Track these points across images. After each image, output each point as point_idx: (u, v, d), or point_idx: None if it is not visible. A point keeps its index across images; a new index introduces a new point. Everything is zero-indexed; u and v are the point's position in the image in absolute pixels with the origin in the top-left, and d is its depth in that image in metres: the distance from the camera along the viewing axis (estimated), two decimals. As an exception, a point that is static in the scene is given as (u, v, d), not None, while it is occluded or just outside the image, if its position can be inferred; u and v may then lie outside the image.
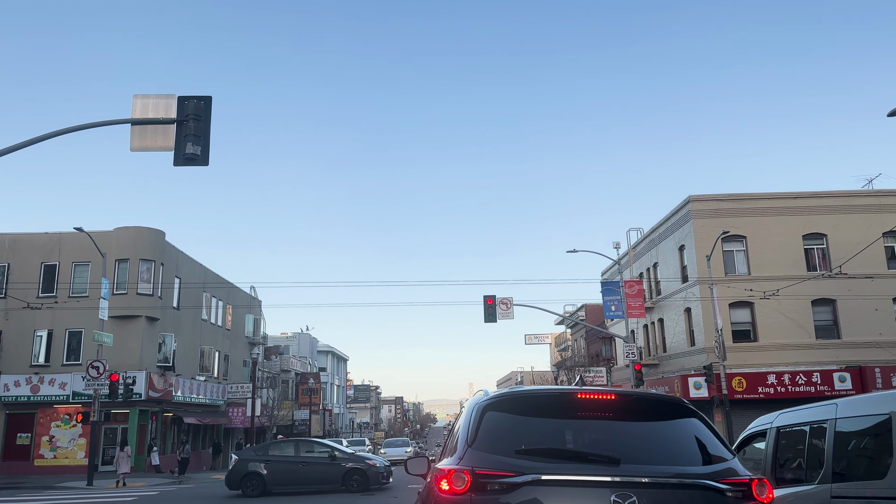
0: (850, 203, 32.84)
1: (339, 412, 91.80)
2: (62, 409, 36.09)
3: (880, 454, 5.52)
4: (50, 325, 36.76)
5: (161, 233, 38.74)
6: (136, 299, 36.39)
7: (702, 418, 4.58)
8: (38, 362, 36.64)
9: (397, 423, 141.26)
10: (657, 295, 38.66)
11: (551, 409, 4.60)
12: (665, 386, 33.67)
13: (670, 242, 36.04)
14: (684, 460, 4.21)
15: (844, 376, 30.16)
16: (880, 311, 31.45)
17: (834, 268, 31.13)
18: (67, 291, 37.00)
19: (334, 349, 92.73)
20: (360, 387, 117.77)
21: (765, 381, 30.40)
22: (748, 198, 33.31)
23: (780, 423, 7.25)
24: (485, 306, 33.69)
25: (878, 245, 31.41)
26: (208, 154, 14.28)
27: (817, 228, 32.56)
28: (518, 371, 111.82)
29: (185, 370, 41.21)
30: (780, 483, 6.87)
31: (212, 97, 14.34)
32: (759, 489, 4.09)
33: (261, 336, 56.84)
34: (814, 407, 6.78)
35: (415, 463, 6.05)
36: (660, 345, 38.70)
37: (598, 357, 51.57)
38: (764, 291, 30.67)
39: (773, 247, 32.30)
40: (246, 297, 54.10)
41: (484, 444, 4.32)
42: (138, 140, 14.24)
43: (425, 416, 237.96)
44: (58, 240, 37.93)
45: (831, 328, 31.87)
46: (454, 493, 4.05)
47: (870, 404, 5.86)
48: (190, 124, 14.07)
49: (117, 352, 34.04)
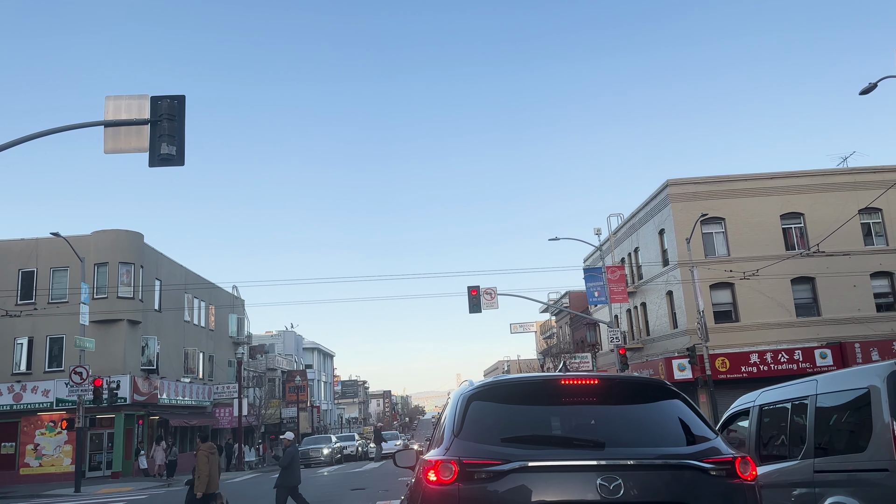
0: (825, 181, 33.22)
1: (328, 408, 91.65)
2: (46, 417, 35.71)
3: (860, 428, 5.61)
4: (30, 332, 36.32)
5: (140, 235, 38.36)
6: (117, 303, 36.03)
7: (684, 399, 4.63)
8: (19, 370, 36.21)
9: (386, 416, 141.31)
10: (639, 279, 38.93)
11: (536, 396, 4.63)
12: (650, 369, 33.97)
13: (650, 227, 36.28)
14: (668, 441, 4.26)
15: (825, 353, 30.59)
16: (858, 288, 31.90)
17: (812, 246, 31.51)
18: (47, 297, 36.55)
19: (320, 346, 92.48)
20: (348, 382, 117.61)
21: (747, 360, 30.75)
22: (725, 180, 33.60)
23: (762, 401, 7.35)
24: (469, 297, 33.74)
25: (854, 222, 31.82)
26: (184, 154, 14.14)
27: (794, 208, 32.92)
28: (505, 360, 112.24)
29: (170, 372, 40.93)
30: (764, 460, 6.97)
31: (185, 96, 14.19)
32: (742, 467, 4.14)
33: (245, 335, 56.48)
34: (795, 384, 6.88)
35: (403, 455, 6.06)
36: (643, 328, 39.01)
37: (584, 343, 51.90)
38: (744, 272, 30.98)
39: (751, 227, 32.62)
40: (228, 296, 53.76)
41: (470, 433, 4.34)
42: (112, 142, 14.06)
43: (414, 408, 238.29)
44: (35, 246, 37.43)
45: (811, 306, 32.28)
46: (442, 484, 4.06)
47: (849, 379, 5.95)
48: (164, 124, 13.91)
49: (100, 357, 33.71)
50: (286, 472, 13.76)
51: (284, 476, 13.76)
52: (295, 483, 13.80)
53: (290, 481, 13.75)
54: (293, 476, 13.78)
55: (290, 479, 13.76)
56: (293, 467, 13.79)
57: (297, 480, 13.82)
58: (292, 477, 13.77)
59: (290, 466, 13.76)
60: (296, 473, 13.83)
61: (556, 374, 4.72)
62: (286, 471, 13.76)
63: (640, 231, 37.99)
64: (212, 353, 49.08)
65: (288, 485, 13.73)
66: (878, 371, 5.55)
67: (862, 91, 20.92)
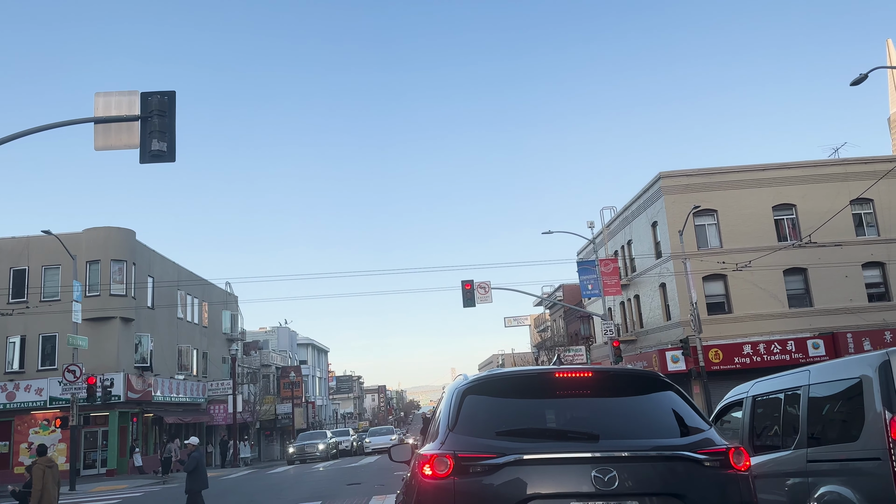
0: (817, 173, 33.34)
1: (322, 404, 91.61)
2: (40, 415, 35.59)
3: (853, 417, 5.64)
4: (22, 330, 36.16)
5: (131, 232, 38.20)
6: (110, 301, 35.89)
7: (678, 391, 4.65)
8: (12, 369, 36.06)
9: (381, 411, 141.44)
10: (632, 272, 39.02)
11: (530, 389, 4.64)
12: (643, 361, 34.08)
13: (643, 219, 36.35)
14: (662, 433, 4.27)
15: (818, 343, 30.75)
16: (850, 278, 32.06)
17: (804, 237, 31.62)
18: (39, 296, 36.37)
19: (314, 341, 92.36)
20: (343, 378, 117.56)
21: (740, 351, 30.89)
22: (717, 172, 33.68)
23: (755, 391, 7.38)
24: (463, 291, 33.77)
25: (845, 213, 31.95)
26: (174, 150, 14.08)
27: (786, 199, 33.04)
28: (499, 354, 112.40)
29: (164, 370, 40.83)
30: (758, 450, 7.00)
31: (175, 92, 14.11)
32: (736, 457, 4.16)
33: (239, 332, 56.45)
34: (787, 374, 6.91)
35: (399, 450, 6.07)
36: (637, 321, 39.12)
37: (578, 336, 51.98)
38: (736, 263, 31.09)
39: (743, 219, 32.72)
40: (222, 293, 53.64)
41: (465, 427, 4.35)
42: (103, 139, 13.99)
43: (409, 403, 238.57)
44: (26, 244, 37.23)
45: (803, 297, 32.43)
46: (437, 478, 4.07)
47: (841, 369, 5.98)
48: (154, 120, 13.84)
49: (93, 354, 33.59)
50: (192, 476, 14.01)
51: (191, 481, 14.02)
52: (200, 487, 14.07)
53: (197, 485, 14.03)
54: (199, 480, 14.04)
55: (196, 483, 14.03)
56: (199, 471, 14.06)
57: (203, 485, 14.06)
58: (199, 481, 14.03)
59: (195, 471, 14.03)
60: (202, 478, 14.07)
61: (550, 368, 4.74)
62: (192, 475, 14.01)
63: (633, 224, 38.07)
64: (206, 350, 48.98)
65: (195, 489, 14.02)
66: (869, 361, 5.57)
67: (853, 82, 20.96)
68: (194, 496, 14.06)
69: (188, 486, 14.04)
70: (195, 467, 14.05)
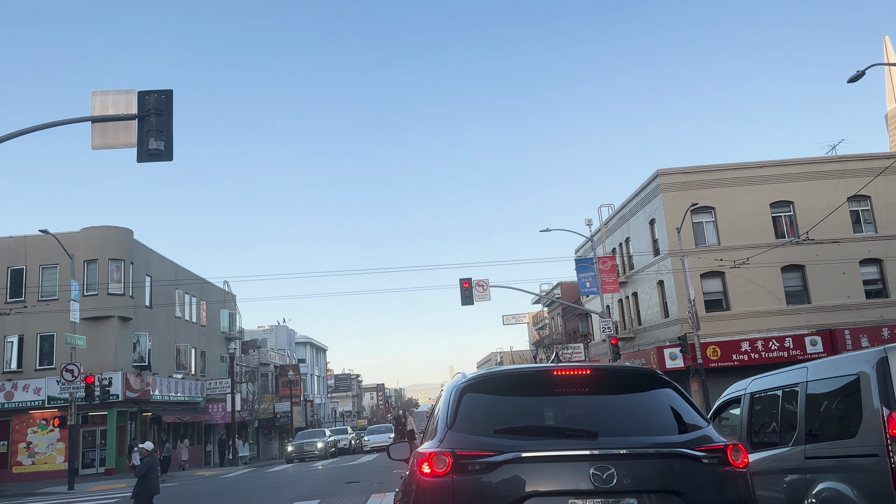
0: (814, 170, 33.38)
1: (321, 402, 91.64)
2: (38, 415, 35.57)
3: (851, 413, 5.65)
4: (20, 330, 36.12)
5: (129, 231, 38.16)
6: (108, 300, 35.86)
7: (676, 388, 4.65)
8: (10, 368, 36.03)
9: (380, 410, 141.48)
10: (630, 269, 39.05)
11: (528, 387, 4.65)
12: (641, 358, 34.12)
13: (641, 217, 36.38)
14: (660, 430, 4.28)
15: (816, 340, 30.81)
16: (848, 275, 32.12)
17: (801, 234, 31.68)
18: (36, 295, 36.34)
19: (312, 340, 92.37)
20: (341, 376, 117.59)
21: (738, 348, 30.94)
22: (715, 169, 33.71)
23: (753, 388, 7.39)
24: (461, 289, 33.78)
25: (843, 210, 32.01)
26: (172, 149, 14.07)
27: (784, 196, 33.08)
28: (497, 352, 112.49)
29: (162, 369, 40.82)
30: (756, 447, 7.01)
31: (172, 91, 14.11)
32: (734, 454, 4.17)
33: (237, 330, 56.44)
34: (785, 371, 6.91)
35: (397, 448, 6.07)
36: (635, 318, 39.16)
37: (576, 333, 52.04)
38: (734, 260, 31.13)
39: (741, 216, 32.76)
40: (220, 292, 53.61)
41: (463, 425, 4.35)
42: (100, 138, 13.98)
43: (407, 401, 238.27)
44: (23, 243, 37.18)
45: (801, 293, 32.48)
46: (436, 476, 4.08)
47: (839, 366, 5.99)
48: (152, 119, 13.83)
49: (91, 354, 33.56)
50: (143, 481, 13.84)
51: (141, 486, 13.85)
52: (151, 493, 13.92)
53: (147, 491, 13.86)
54: (150, 486, 13.88)
55: (146, 489, 13.86)
56: (150, 477, 13.90)
57: (154, 490, 13.92)
58: (149, 487, 13.87)
59: (146, 476, 13.87)
60: (153, 483, 13.92)
61: (548, 366, 4.74)
62: (143, 480, 13.84)
63: (631, 221, 38.09)
64: (204, 349, 48.96)
65: (144, 495, 13.86)
66: (867, 357, 5.58)
67: (850, 79, 20.98)
68: (143, 502, 13.84)
69: (137, 492, 13.81)
70: (146, 472, 13.82)
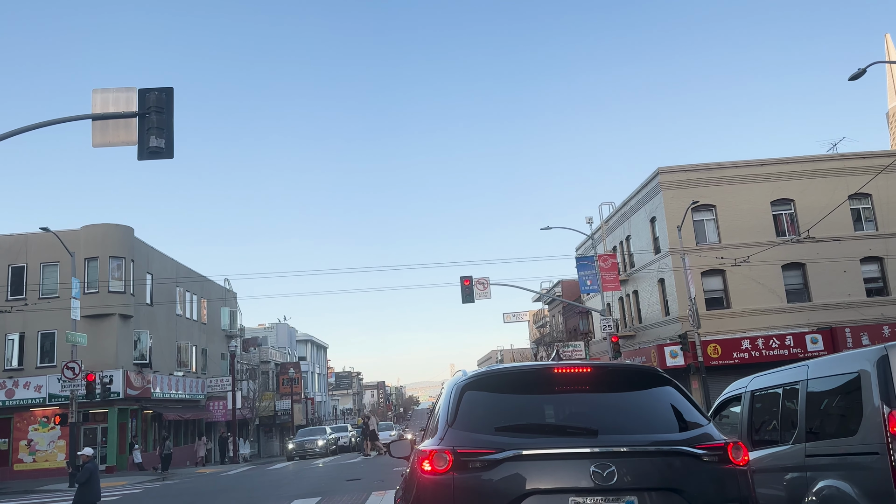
0: (815, 168, 33.35)
1: (322, 400, 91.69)
2: (39, 412, 35.59)
3: (851, 411, 5.65)
4: (21, 327, 36.13)
5: (130, 229, 38.16)
6: (108, 297, 35.87)
7: (676, 386, 4.65)
8: (11, 366, 36.04)
9: (380, 407, 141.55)
10: (631, 267, 39.04)
11: (529, 384, 4.64)
12: (642, 356, 34.12)
13: (642, 215, 36.35)
14: (661, 428, 4.28)
15: (816, 338, 30.79)
16: (848, 273, 32.09)
17: (802, 232, 31.64)
18: (37, 293, 36.35)
19: (313, 338, 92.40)
20: (342, 374, 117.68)
21: (739, 346, 30.92)
22: (716, 167, 33.68)
23: (753, 386, 7.39)
24: (462, 287, 33.79)
25: (843, 208, 31.97)
26: (173, 146, 14.05)
27: (784, 194, 33.05)
28: (498, 350, 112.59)
29: (163, 366, 40.84)
30: (756, 445, 7.01)
31: (173, 88, 14.08)
32: (734, 452, 4.17)
33: (238, 328, 56.43)
34: (786, 369, 6.91)
35: (398, 446, 6.08)
36: (635, 316, 39.15)
37: (576, 331, 52.03)
38: (735, 258, 31.11)
39: (742, 214, 32.73)
40: (220, 290, 53.61)
41: (464, 423, 4.35)
42: (100, 135, 13.96)
43: (408, 399, 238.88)
44: (24, 241, 37.18)
45: (802, 291, 32.46)
46: (436, 473, 4.08)
47: (839, 364, 5.99)
48: (152, 117, 13.81)
49: (92, 351, 33.57)
50: (84, 488, 13.77)
51: (82, 493, 13.78)
52: (93, 500, 13.88)
53: (88, 498, 13.81)
54: (91, 493, 13.82)
55: (87, 495, 13.80)
56: (91, 483, 13.83)
57: (95, 497, 13.88)
58: (90, 493, 13.82)
59: (88, 482, 13.80)
60: (94, 490, 13.86)
61: (548, 363, 4.73)
62: (84, 487, 13.77)
63: (632, 219, 38.07)
64: (204, 347, 48.98)
65: (85, 501, 13.80)
66: (868, 355, 5.58)
67: (851, 77, 20.95)
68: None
69: (78, 498, 13.72)
70: (88, 478, 13.74)
